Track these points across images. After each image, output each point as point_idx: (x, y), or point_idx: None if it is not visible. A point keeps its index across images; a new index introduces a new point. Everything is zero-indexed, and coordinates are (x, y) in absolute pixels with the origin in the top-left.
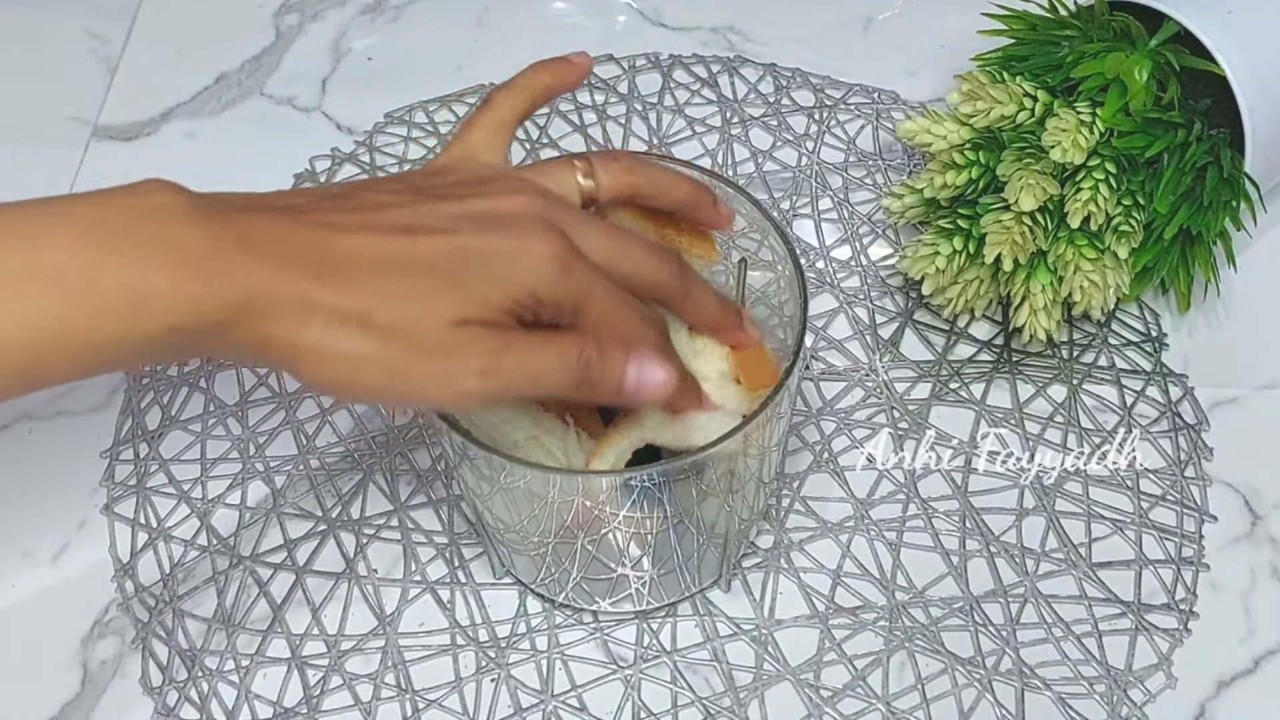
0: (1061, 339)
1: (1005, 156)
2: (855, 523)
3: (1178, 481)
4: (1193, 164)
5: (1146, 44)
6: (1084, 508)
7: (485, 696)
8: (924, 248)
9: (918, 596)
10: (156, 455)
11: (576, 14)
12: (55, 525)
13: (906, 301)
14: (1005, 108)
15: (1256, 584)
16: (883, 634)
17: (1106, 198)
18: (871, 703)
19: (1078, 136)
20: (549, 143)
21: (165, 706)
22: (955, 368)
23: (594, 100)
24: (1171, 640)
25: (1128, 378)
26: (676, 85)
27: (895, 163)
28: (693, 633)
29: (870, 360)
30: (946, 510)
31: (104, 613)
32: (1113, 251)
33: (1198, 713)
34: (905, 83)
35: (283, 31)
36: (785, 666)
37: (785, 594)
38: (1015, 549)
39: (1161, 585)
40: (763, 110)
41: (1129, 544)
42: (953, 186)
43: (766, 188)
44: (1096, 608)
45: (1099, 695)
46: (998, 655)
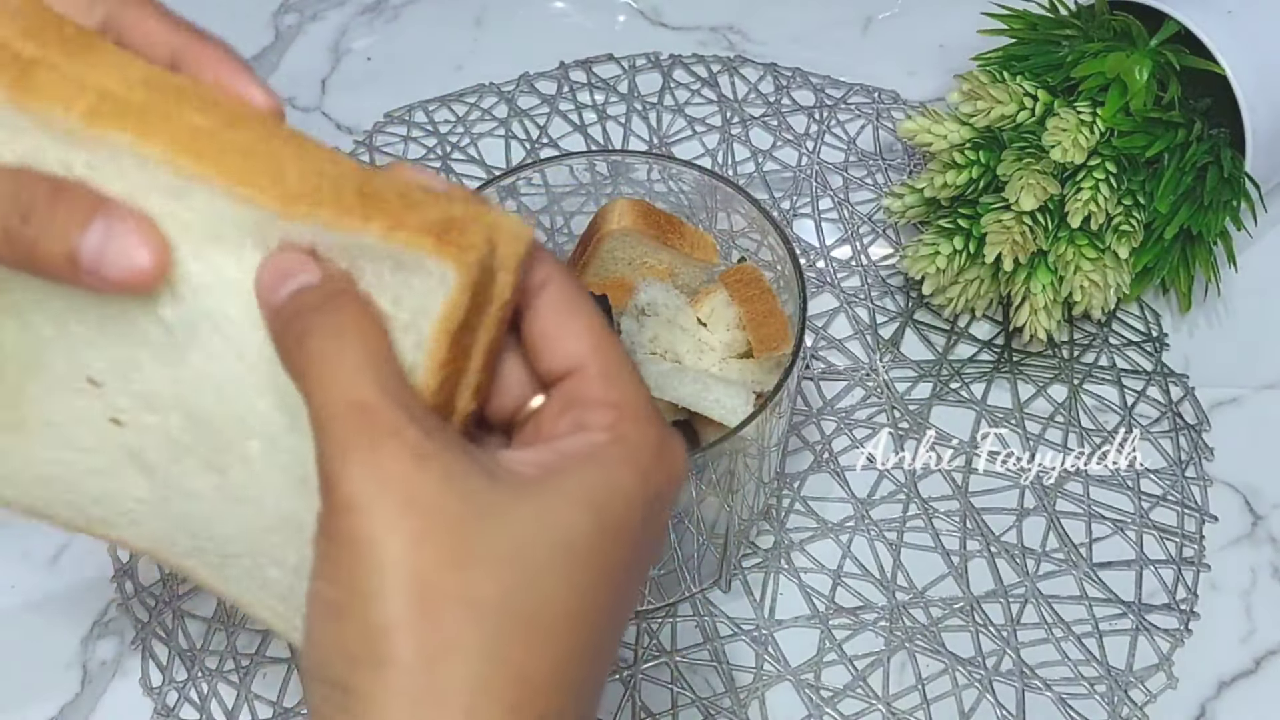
0: (1062, 339)
1: (1005, 156)
2: (855, 523)
3: (1178, 481)
4: (1193, 164)
5: (1147, 43)
6: (1084, 508)
7: None
8: (924, 247)
9: (918, 597)
10: None
11: (576, 14)
12: None
13: (907, 301)
14: (1005, 107)
15: (1257, 584)
16: (883, 634)
17: (1107, 197)
18: (872, 703)
19: (1078, 136)
20: (549, 142)
21: (165, 707)
22: (956, 368)
23: (594, 100)
24: (1172, 640)
25: (1128, 378)
26: (676, 85)
27: (895, 162)
28: (692, 633)
29: (870, 360)
30: (947, 510)
31: (104, 613)
32: (1113, 251)
33: (1198, 713)
34: (905, 82)
35: (282, 31)
36: (785, 667)
37: (785, 594)
38: (1016, 549)
39: (1162, 585)
40: (763, 110)
41: (1129, 544)
42: (953, 186)
43: (767, 187)
44: (1097, 608)
45: (1099, 695)
46: (998, 655)
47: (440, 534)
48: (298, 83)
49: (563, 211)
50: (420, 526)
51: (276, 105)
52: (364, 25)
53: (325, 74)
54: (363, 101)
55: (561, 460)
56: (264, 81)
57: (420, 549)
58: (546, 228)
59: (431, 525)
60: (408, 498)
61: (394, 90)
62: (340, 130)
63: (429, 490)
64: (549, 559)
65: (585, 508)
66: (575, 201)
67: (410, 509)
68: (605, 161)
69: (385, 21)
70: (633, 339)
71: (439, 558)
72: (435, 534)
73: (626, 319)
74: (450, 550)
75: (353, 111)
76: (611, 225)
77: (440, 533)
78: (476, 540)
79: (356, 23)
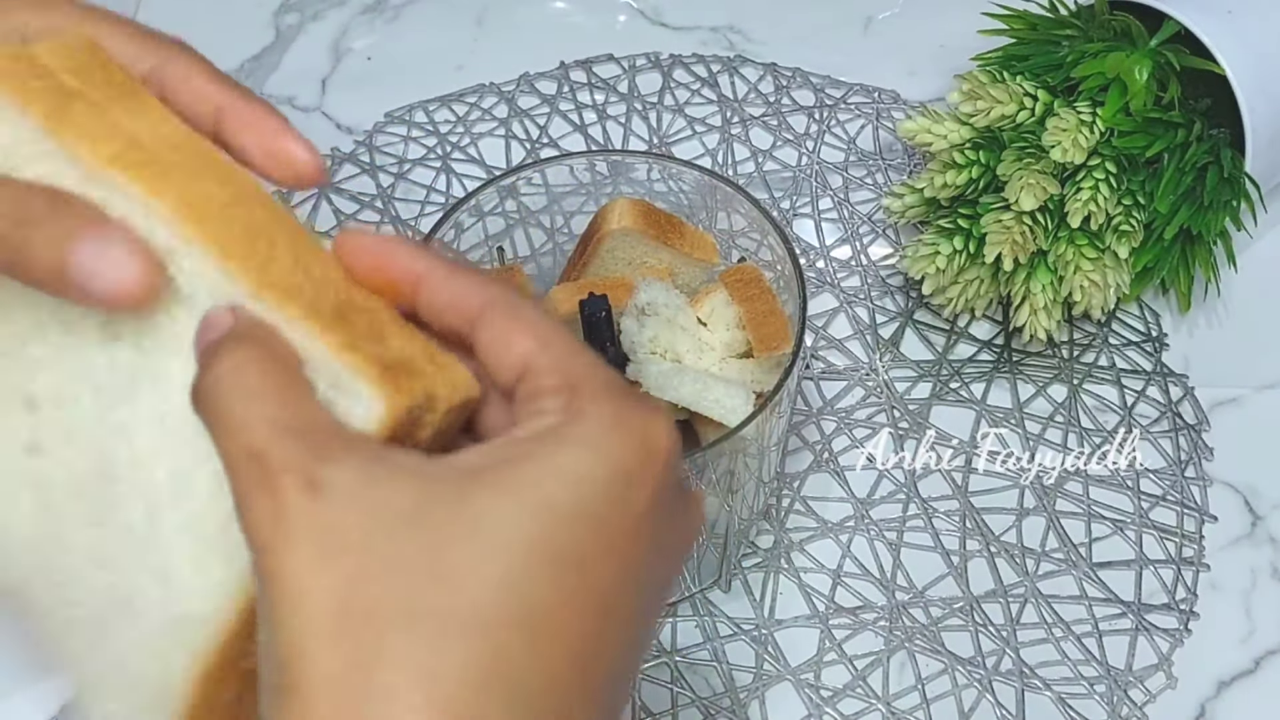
0: (1062, 339)
1: (1005, 156)
2: (855, 523)
3: (1178, 481)
4: (1193, 164)
5: (1147, 44)
6: (1084, 508)
7: None
8: (924, 247)
9: (918, 596)
10: None
11: (576, 13)
12: None
13: (907, 301)
14: (1005, 107)
15: (1257, 584)
16: (883, 634)
17: (1107, 197)
18: (872, 703)
19: (1078, 136)
20: (549, 142)
21: None
22: (955, 367)
23: (594, 100)
24: (1172, 640)
25: (1128, 378)
26: (676, 85)
27: (895, 162)
28: (693, 633)
29: (870, 360)
30: (947, 510)
31: None
32: (1113, 251)
33: (1198, 713)
34: (905, 82)
35: (282, 31)
36: (785, 666)
37: (785, 594)
38: (1015, 549)
39: (1162, 585)
40: (763, 110)
41: (1129, 544)
42: (953, 186)
43: (766, 187)
44: (1097, 608)
45: (1099, 695)
46: (998, 655)
47: (342, 554)
48: (298, 83)
49: (563, 211)
50: (317, 552)
51: (318, 162)
52: (364, 25)
53: (325, 74)
54: (363, 101)
55: (510, 446)
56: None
57: (321, 572)
58: (546, 228)
59: (330, 548)
60: (306, 528)
61: (394, 90)
62: (340, 130)
63: (328, 515)
64: (473, 557)
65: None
66: (575, 201)
67: (308, 537)
68: (605, 161)
69: (385, 21)
70: (633, 339)
71: (343, 576)
72: (336, 555)
73: (626, 319)
74: (355, 567)
75: (353, 111)
76: (612, 225)
77: (342, 553)
78: (382, 551)
79: (357, 23)
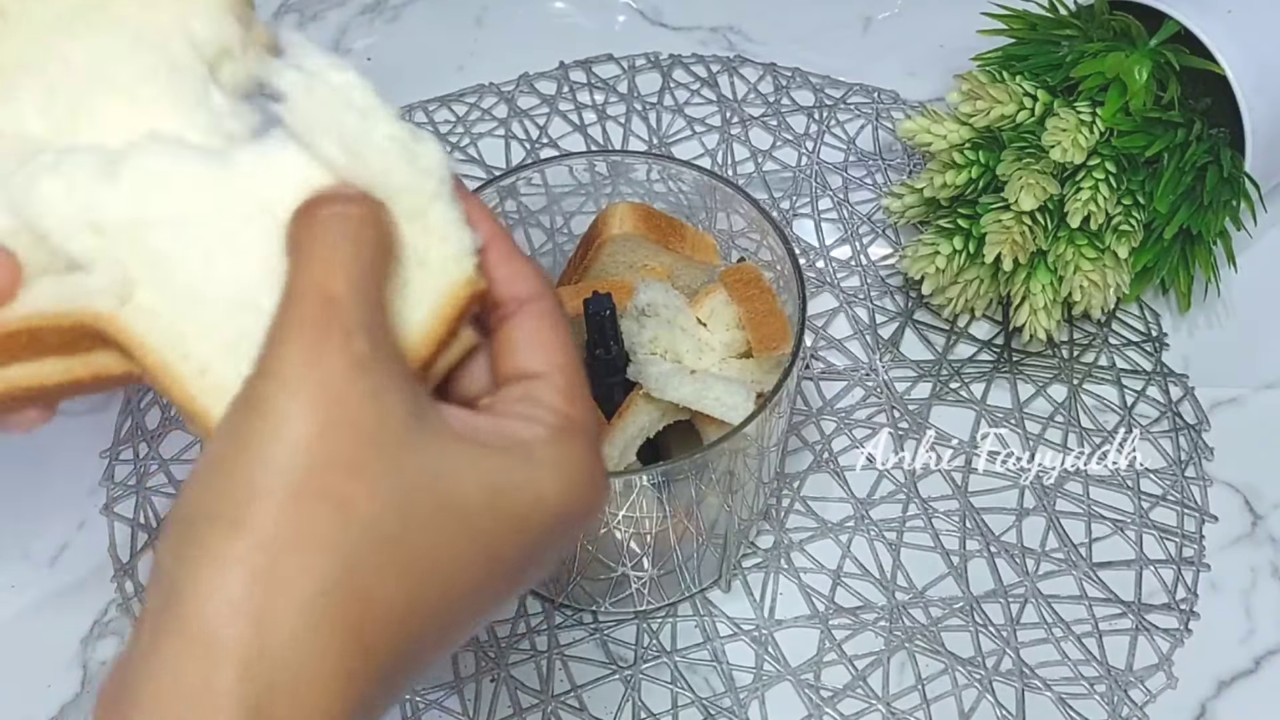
0: (1061, 339)
1: (1005, 156)
2: (855, 523)
3: (1178, 481)
4: (1193, 163)
5: (1146, 43)
6: (1084, 508)
7: (485, 697)
8: (924, 247)
9: (918, 597)
10: (156, 455)
11: (576, 14)
12: (55, 525)
13: (906, 301)
14: (1005, 107)
15: (1257, 584)
16: (883, 634)
17: (1106, 197)
18: (872, 703)
19: (1078, 136)
20: (549, 142)
21: None
22: (955, 367)
23: (594, 100)
24: (1172, 640)
25: (1128, 378)
26: (676, 85)
27: (895, 162)
28: (693, 633)
29: (870, 360)
30: (946, 510)
31: (104, 613)
32: (1113, 251)
33: (1198, 713)
34: (905, 83)
35: None
36: (785, 667)
37: (785, 594)
38: (1015, 549)
39: (1162, 585)
40: (762, 110)
41: (1129, 544)
42: (953, 186)
43: (766, 187)
44: (1097, 608)
45: (1099, 695)
46: (998, 655)
47: (344, 437)
48: None
49: (563, 211)
50: (329, 420)
51: None
52: (364, 25)
53: None
54: None
55: (495, 434)
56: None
57: (319, 440)
58: (546, 228)
59: (339, 425)
60: (330, 392)
61: (394, 90)
62: None
63: (353, 395)
64: (434, 510)
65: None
66: (575, 201)
67: (327, 401)
68: (605, 161)
69: (385, 21)
70: (633, 339)
71: (332, 456)
72: (339, 434)
73: (627, 319)
74: (347, 455)
75: None
76: (613, 230)
77: (344, 436)
78: (374, 459)
79: (356, 23)
